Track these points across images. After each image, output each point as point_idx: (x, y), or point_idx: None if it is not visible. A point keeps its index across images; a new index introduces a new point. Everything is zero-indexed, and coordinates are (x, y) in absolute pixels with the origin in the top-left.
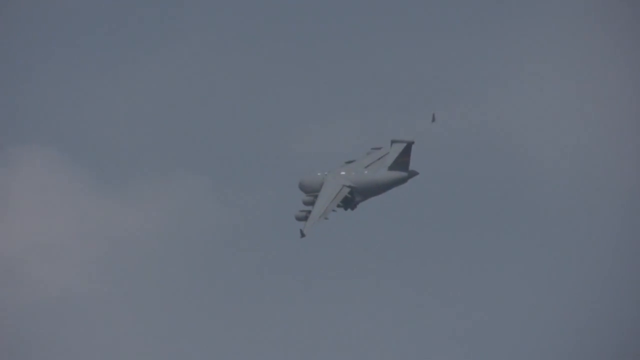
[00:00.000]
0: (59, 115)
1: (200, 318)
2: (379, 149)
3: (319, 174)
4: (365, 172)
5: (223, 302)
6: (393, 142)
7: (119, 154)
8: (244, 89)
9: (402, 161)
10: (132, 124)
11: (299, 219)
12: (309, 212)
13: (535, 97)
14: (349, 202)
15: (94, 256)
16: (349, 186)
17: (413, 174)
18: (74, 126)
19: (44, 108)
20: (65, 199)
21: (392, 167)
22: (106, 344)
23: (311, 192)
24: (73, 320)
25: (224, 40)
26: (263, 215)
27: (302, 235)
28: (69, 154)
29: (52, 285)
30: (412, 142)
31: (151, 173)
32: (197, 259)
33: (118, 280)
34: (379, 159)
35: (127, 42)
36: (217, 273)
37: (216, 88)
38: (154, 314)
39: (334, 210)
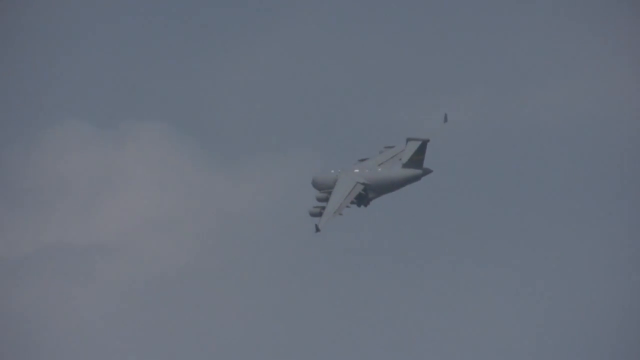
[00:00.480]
0: (174, 91)
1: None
2: (392, 147)
3: (332, 171)
4: (379, 169)
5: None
6: (408, 140)
7: (233, 130)
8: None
9: (416, 159)
10: (254, 99)
11: (313, 214)
12: (323, 208)
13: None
14: (362, 199)
15: (208, 232)
16: (362, 183)
17: (427, 171)
18: (189, 101)
19: (160, 84)
20: (179, 175)
21: (406, 165)
22: (221, 319)
23: (324, 189)
24: (187, 297)
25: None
26: None
27: (317, 230)
28: (185, 130)
29: (167, 261)
30: (428, 140)
31: (264, 148)
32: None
33: (232, 256)
34: (392, 157)
35: (241, 19)
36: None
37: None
38: (265, 290)
39: (347, 207)
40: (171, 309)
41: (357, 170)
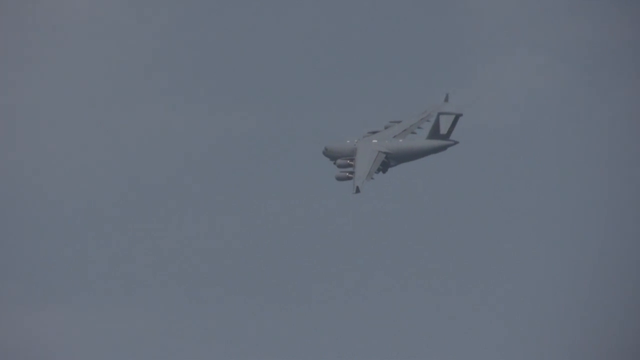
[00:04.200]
0: None
1: None
2: (399, 122)
3: (347, 141)
4: (400, 140)
5: None
6: (440, 114)
7: None
8: None
9: (446, 132)
10: None
11: (340, 179)
12: (350, 172)
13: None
14: (384, 166)
15: None
16: (384, 152)
17: (453, 142)
18: None
19: None
20: None
21: (433, 136)
22: None
23: (338, 158)
24: None
25: None
26: None
27: (357, 191)
28: None
29: None
30: (461, 115)
31: None
32: None
33: None
34: (404, 130)
35: None
36: None
37: None
38: None
39: (376, 172)
40: None
41: (375, 141)
